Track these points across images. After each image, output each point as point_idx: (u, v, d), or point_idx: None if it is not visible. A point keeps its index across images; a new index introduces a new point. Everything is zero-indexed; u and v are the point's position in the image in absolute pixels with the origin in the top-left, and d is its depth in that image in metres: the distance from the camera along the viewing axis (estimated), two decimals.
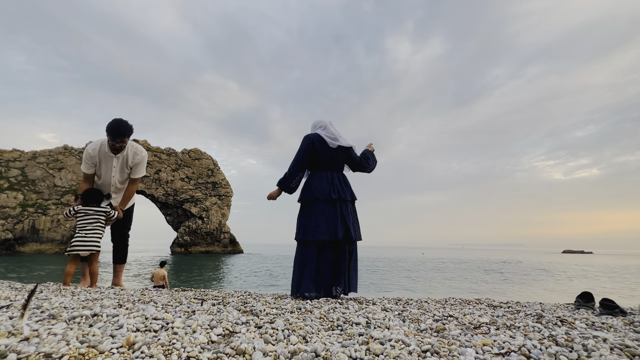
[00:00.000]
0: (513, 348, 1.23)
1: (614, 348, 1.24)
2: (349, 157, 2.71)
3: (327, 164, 2.58)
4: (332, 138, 2.59)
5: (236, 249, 50.03)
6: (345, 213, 2.48)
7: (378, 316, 1.78)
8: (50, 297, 2.01)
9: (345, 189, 2.58)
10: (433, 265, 34.07)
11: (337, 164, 2.63)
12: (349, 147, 2.68)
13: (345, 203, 2.52)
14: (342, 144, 2.61)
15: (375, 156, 2.87)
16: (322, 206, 2.44)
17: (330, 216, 2.42)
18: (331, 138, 2.59)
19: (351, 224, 2.48)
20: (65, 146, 42.02)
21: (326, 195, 2.46)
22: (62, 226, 38.41)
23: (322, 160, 2.56)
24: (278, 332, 1.38)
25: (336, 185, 2.51)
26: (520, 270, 29.89)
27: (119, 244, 3.22)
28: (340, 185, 2.53)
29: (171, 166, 47.02)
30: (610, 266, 39.25)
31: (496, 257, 59.83)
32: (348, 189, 2.60)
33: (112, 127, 2.81)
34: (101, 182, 3.06)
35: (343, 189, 2.53)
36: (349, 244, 2.50)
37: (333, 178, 2.55)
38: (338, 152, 2.62)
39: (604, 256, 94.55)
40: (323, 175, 2.54)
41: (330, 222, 2.41)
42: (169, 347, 1.12)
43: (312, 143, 2.56)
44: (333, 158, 2.59)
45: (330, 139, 2.59)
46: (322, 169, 2.58)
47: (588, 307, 2.36)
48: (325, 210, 2.43)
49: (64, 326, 1.28)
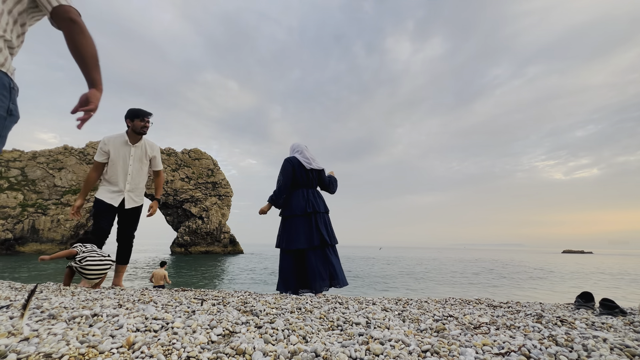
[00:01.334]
0: (513, 348, 1.23)
1: (614, 348, 1.24)
2: (319, 178, 3.25)
3: (304, 183, 3.13)
4: (307, 162, 3.14)
5: (236, 249, 50.02)
6: (320, 223, 2.99)
7: (378, 316, 1.78)
8: (50, 297, 2.01)
9: (320, 202, 3.12)
10: (435, 266, 34.07)
11: (311, 182, 3.18)
12: (321, 170, 3.23)
13: (320, 214, 3.04)
14: (314, 167, 3.16)
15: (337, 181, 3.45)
16: (300, 220, 2.98)
17: (307, 228, 2.95)
18: (306, 162, 3.14)
19: (325, 232, 2.98)
20: (65, 146, 42.01)
21: (302, 211, 2.99)
22: (62, 226, 38.41)
23: (299, 180, 3.12)
24: (278, 332, 1.38)
25: (311, 201, 3.05)
26: (520, 270, 29.89)
27: (123, 244, 3.19)
28: (314, 200, 3.07)
29: (171, 166, 47.03)
30: (610, 266, 39.24)
31: (497, 257, 59.87)
32: (322, 203, 3.15)
33: (137, 110, 3.05)
34: (113, 172, 3.05)
35: (317, 203, 3.07)
36: (327, 247, 2.99)
37: (308, 194, 3.10)
38: (312, 173, 3.17)
39: (604, 256, 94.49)
40: (300, 193, 3.09)
41: (308, 233, 2.93)
42: (169, 347, 1.12)
43: (292, 166, 3.11)
44: (308, 178, 3.14)
45: (305, 162, 3.13)
46: (299, 187, 3.13)
47: (588, 307, 2.36)
48: (303, 223, 2.97)
49: (64, 326, 1.28)
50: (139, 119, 3.04)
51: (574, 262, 49.16)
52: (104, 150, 3.03)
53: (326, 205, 3.17)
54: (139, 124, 3.04)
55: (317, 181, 3.22)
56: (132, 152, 3.10)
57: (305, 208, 2.99)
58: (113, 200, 3.04)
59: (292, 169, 3.08)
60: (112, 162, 3.04)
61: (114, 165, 3.05)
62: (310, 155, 3.18)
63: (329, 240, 2.95)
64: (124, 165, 3.06)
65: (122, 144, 3.07)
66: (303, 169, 3.11)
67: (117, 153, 3.04)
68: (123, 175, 3.06)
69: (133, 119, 3.04)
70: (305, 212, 2.98)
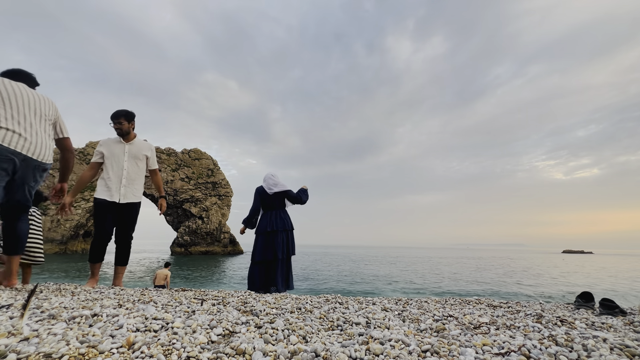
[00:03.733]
0: (513, 348, 1.23)
1: (614, 348, 1.24)
2: (287, 197, 3.80)
3: (268, 206, 3.76)
4: (268, 188, 3.75)
5: (236, 249, 50.02)
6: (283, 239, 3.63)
7: (378, 316, 1.78)
8: (50, 297, 2.01)
9: (279, 222, 3.67)
10: (435, 266, 34.06)
11: (275, 205, 3.76)
12: (284, 191, 3.76)
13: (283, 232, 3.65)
14: (275, 190, 3.73)
15: (307, 192, 3.96)
16: (265, 237, 3.64)
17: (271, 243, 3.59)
18: (268, 188, 3.75)
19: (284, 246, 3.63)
20: None
21: (264, 230, 3.64)
22: (62, 226, 38.42)
23: (265, 204, 3.78)
24: (278, 332, 1.38)
25: (272, 221, 3.66)
26: (520, 270, 29.89)
27: (121, 245, 3.20)
28: (275, 221, 3.66)
29: (171, 166, 47.03)
30: (610, 266, 39.24)
31: (498, 257, 59.87)
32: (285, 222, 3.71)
33: (114, 112, 3.19)
34: (112, 171, 3.14)
35: (278, 223, 3.65)
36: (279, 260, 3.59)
37: (271, 215, 3.69)
38: (275, 197, 3.74)
39: (604, 256, 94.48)
40: (266, 215, 3.74)
41: (271, 247, 3.58)
42: (169, 347, 1.12)
43: (258, 193, 3.79)
44: (272, 202, 3.74)
45: (267, 189, 3.75)
46: (266, 209, 3.78)
47: (588, 307, 2.36)
48: (267, 240, 3.62)
49: (64, 326, 1.28)
50: (111, 121, 3.19)
51: (574, 262, 49.15)
52: (98, 150, 3.14)
53: (288, 224, 3.75)
54: (114, 125, 3.18)
55: (281, 203, 3.79)
56: (126, 149, 3.19)
57: (266, 227, 3.64)
58: (110, 196, 3.07)
59: (258, 195, 3.79)
60: (107, 160, 3.13)
61: (109, 162, 3.13)
62: (273, 182, 3.78)
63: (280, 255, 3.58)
64: (118, 162, 3.15)
65: (115, 142, 3.19)
66: (266, 195, 3.75)
67: (111, 151, 3.14)
68: (119, 171, 3.14)
69: (111, 120, 3.18)
70: (266, 231, 3.63)
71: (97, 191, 3.09)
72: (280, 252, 3.57)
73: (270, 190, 3.72)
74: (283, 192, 3.76)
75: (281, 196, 3.77)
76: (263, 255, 3.58)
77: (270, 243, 3.58)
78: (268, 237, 3.60)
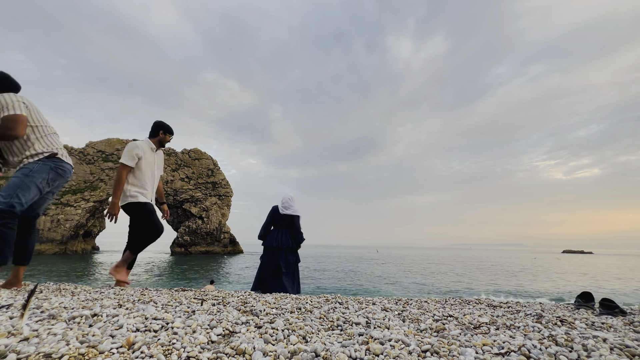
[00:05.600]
0: (513, 348, 1.23)
1: (614, 348, 1.24)
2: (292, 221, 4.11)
3: (279, 224, 4.13)
4: (282, 208, 4.09)
5: (236, 249, 50.03)
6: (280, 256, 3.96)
7: (378, 316, 1.78)
8: (50, 297, 2.01)
9: (284, 239, 4.02)
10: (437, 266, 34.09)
11: (284, 224, 4.11)
12: (294, 216, 4.10)
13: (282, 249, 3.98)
14: (286, 212, 4.05)
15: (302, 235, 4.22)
16: (270, 251, 4.02)
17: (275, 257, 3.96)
18: (281, 208, 4.09)
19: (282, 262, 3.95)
20: (65, 146, 41.88)
21: (270, 244, 4.02)
22: (62, 226, 38.42)
23: (276, 222, 4.15)
24: (278, 332, 1.38)
25: (279, 238, 4.03)
26: (520, 270, 29.89)
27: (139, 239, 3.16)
28: (281, 238, 4.03)
29: (171, 166, 47.05)
30: (610, 266, 39.25)
31: (498, 258, 59.88)
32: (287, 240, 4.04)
33: (166, 125, 3.43)
34: (144, 177, 3.21)
35: (283, 241, 4.02)
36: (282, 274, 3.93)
37: (278, 233, 4.07)
38: (286, 217, 4.09)
39: (604, 256, 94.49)
40: (274, 232, 4.12)
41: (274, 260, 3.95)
42: (169, 347, 1.12)
43: (272, 211, 4.17)
44: (282, 221, 4.10)
45: (280, 208, 4.10)
46: (276, 227, 4.17)
47: (588, 307, 2.36)
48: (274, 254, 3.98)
49: (63, 326, 1.28)
50: (169, 135, 3.44)
51: (574, 262, 49.17)
52: (138, 155, 3.15)
53: (291, 242, 4.10)
54: (168, 138, 3.43)
55: (290, 224, 4.13)
56: (155, 158, 3.37)
57: (272, 243, 4.02)
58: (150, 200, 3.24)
59: (271, 212, 4.20)
60: (142, 166, 3.20)
61: (145, 170, 3.22)
62: (288, 205, 4.12)
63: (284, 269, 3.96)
64: (151, 171, 3.29)
65: (150, 150, 3.31)
66: (278, 213, 4.11)
67: (146, 159, 3.24)
68: (151, 180, 3.29)
69: (166, 133, 3.41)
70: (272, 246, 4.01)
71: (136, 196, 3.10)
72: (284, 266, 3.97)
73: (282, 211, 4.10)
74: (292, 216, 4.15)
75: (290, 218, 4.15)
76: (268, 267, 3.99)
77: (274, 257, 3.99)
78: (273, 251, 4.01)
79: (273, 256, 3.96)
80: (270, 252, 3.99)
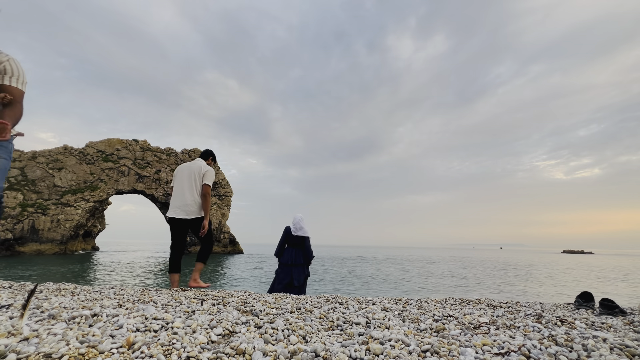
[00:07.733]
0: (513, 348, 1.23)
1: (614, 348, 1.24)
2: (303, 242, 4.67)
3: (292, 244, 4.68)
4: (293, 229, 4.66)
5: (236, 249, 50.02)
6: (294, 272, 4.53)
7: (378, 316, 1.78)
8: (50, 297, 2.01)
9: (297, 258, 4.59)
10: (437, 266, 34.10)
11: (296, 244, 4.67)
12: (305, 237, 4.68)
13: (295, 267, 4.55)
14: (298, 234, 4.63)
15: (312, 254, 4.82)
16: (285, 267, 4.58)
17: (289, 273, 4.54)
18: (293, 229, 4.67)
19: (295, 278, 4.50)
20: (65, 146, 42.00)
21: (285, 262, 4.59)
22: (62, 226, 38.42)
23: (289, 241, 4.70)
24: (278, 332, 1.38)
25: (292, 256, 4.60)
26: (520, 270, 29.92)
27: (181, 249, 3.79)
28: (295, 257, 4.61)
29: (171, 166, 47.03)
30: (610, 266, 39.27)
31: (498, 258, 59.93)
32: (299, 258, 4.62)
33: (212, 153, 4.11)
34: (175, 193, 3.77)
35: (296, 258, 4.60)
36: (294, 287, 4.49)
37: (292, 251, 4.63)
38: (297, 238, 4.65)
39: (604, 256, 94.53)
40: (288, 250, 4.67)
41: (289, 275, 4.53)
42: (169, 347, 1.12)
43: (286, 232, 4.73)
44: (294, 240, 4.66)
45: (292, 229, 4.67)
46: (289, 245, 4.71)
47: (588, 307, 2.36)
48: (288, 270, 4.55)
49: (63, 326, 1.28)
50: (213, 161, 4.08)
51: (574, 262, 49.20)
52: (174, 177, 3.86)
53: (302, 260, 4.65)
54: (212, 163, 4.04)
55: (301, 243, 4.68)
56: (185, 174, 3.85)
57: (287, 260, 4.57)
58: None
59: (285, 233, 4.74)
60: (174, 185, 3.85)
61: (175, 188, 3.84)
62: (299, 226, 4.70)
63: (296, 283, 4.50)
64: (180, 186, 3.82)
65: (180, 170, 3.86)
66: (291, 234, 4.66)
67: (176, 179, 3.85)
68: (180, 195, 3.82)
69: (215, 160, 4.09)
70: (287, 264, 4.57)
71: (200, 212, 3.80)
72: (297, 281, 4.55)
73: (294, 232, 4.69)
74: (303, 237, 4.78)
75: (301, 239, 4.75)
76: (283, 281, 4.57)
77: (288, 272, 4.58)
78: (287, 267, 4.57)
79: (287, 272, 4.58)
80: (285, 268, 4.60)
